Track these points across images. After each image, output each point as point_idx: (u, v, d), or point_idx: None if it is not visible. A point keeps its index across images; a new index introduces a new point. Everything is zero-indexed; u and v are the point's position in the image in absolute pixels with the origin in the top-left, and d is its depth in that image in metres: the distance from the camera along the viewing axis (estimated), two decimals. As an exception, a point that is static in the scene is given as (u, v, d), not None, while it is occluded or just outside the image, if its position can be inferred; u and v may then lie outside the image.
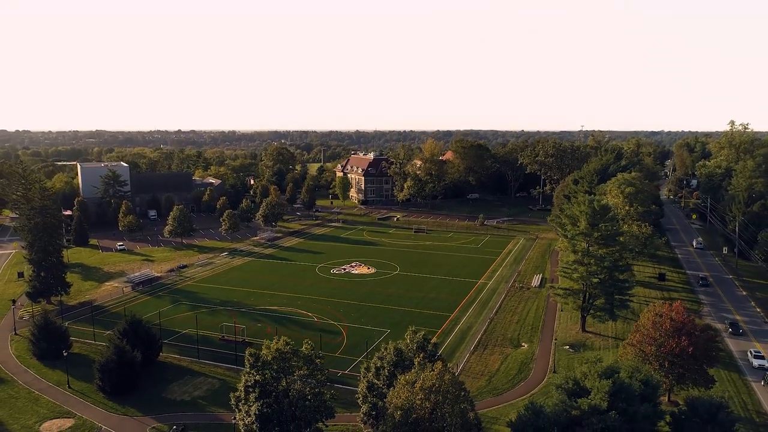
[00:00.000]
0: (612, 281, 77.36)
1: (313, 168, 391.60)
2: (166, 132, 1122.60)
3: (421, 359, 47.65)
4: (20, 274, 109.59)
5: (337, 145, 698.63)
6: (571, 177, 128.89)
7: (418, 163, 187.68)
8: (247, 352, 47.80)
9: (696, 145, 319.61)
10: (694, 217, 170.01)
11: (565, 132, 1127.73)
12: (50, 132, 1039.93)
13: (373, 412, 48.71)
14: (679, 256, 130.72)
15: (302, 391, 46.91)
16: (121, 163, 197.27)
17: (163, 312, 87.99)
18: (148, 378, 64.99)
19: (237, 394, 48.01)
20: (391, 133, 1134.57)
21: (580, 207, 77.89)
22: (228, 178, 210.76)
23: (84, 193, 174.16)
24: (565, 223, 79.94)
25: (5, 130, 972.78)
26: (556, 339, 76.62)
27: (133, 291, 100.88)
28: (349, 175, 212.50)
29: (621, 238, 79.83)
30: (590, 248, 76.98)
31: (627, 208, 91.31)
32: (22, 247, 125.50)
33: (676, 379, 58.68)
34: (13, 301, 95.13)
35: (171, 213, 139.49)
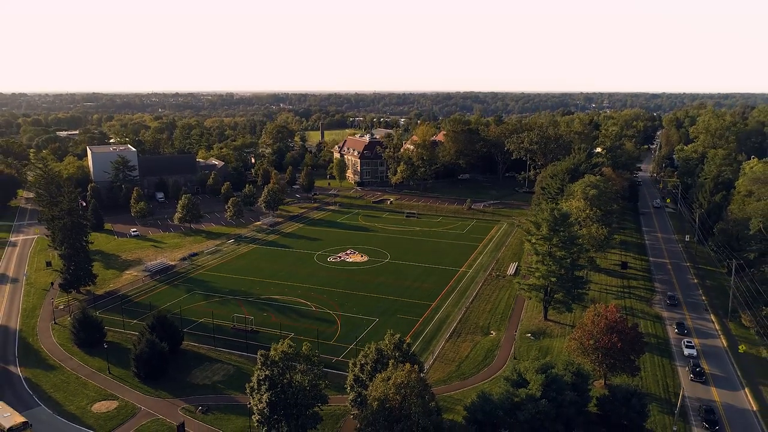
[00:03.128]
0: (570, 278, 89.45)
1: (312, 138, 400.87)
2: (164, 95, 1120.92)
3: (396, 358, 60.20)
4: (48, 263, 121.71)
5: (336, 111, 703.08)
6: (549, 170, 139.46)
7: (411, 147, 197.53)
8: (258, 353, 60.18)
9: (685, 120, 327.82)
10: (668, 201, 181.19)
11: (566, 94, 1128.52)
12: (47, 95, 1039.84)
13: (359, 399, 61.54)
14: (647, 242, 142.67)
15: (302, 383, 59.46)
16: (129, 147, 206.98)
17: (180, 302, 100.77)
18: (174, 365, 77.76)
19: (251, 384, 60.59)
20: (391, 95, 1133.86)
21: (542, 214, 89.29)
22: (230, 159, 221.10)
23: (95, 176, 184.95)
24: (529, 229, 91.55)
25: (2, 93, 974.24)
26: (515, 332, 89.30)
27: (152, 280, 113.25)
28: (345, 157, 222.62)
29: (579, 240, 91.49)
30: (551, 250, 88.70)
31: (587, 211, 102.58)
32: (46, 236, 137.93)
33: (609, 368, 71.42)
34: (52, 284, 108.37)
35: (180, 201, 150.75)
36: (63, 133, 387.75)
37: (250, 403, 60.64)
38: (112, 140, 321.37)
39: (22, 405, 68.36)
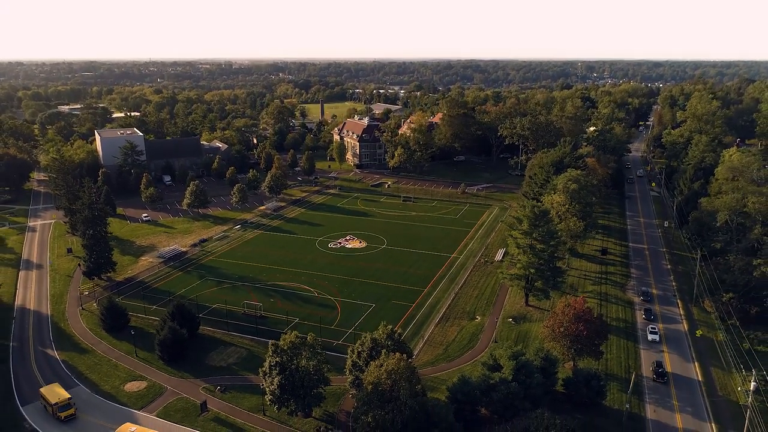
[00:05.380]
0: (549, 268, 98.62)
1: (312, 112, 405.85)
2: (162, 64, 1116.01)
3: (388, 347, 69.90)
4: (69, 250, 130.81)
5: (336, 82, 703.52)
6: (538, 159, 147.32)
7: (408, 132, 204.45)
8: (270, 343, 69.88)
9: (680, 98, 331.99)
10: (653, 185, 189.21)
11: (568, 62, 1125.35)
12: (44, 64, 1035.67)
13: (356, 381, 71.57)
14: (629, 227, 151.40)
15: (307, 368, 69.33)
16: (136, 130, 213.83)
17: (194, 288, 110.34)
18: (193, 349, 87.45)
19: (263, 369, 70.51)
20: (391, 64, 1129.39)
21: (524, 211, 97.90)
22: (233, 141, 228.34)
23: (104, 161, 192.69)
24: (512, 224, 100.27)
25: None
26: (498, 317, 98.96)
27: (166, 266, 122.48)
28: (345, 139, 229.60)
29: (558, 234, 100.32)
30: (532, 243, 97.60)
31: (567, 205, 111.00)
32: (63, 221, 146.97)
33: (576, 353, 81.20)
34: (79, 265, 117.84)
35: (188, 188, 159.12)
36: (65, 108, 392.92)
37: (263, 385, 70.61)
38: (114, 114, 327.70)
39: (63, 385, 78.28)
